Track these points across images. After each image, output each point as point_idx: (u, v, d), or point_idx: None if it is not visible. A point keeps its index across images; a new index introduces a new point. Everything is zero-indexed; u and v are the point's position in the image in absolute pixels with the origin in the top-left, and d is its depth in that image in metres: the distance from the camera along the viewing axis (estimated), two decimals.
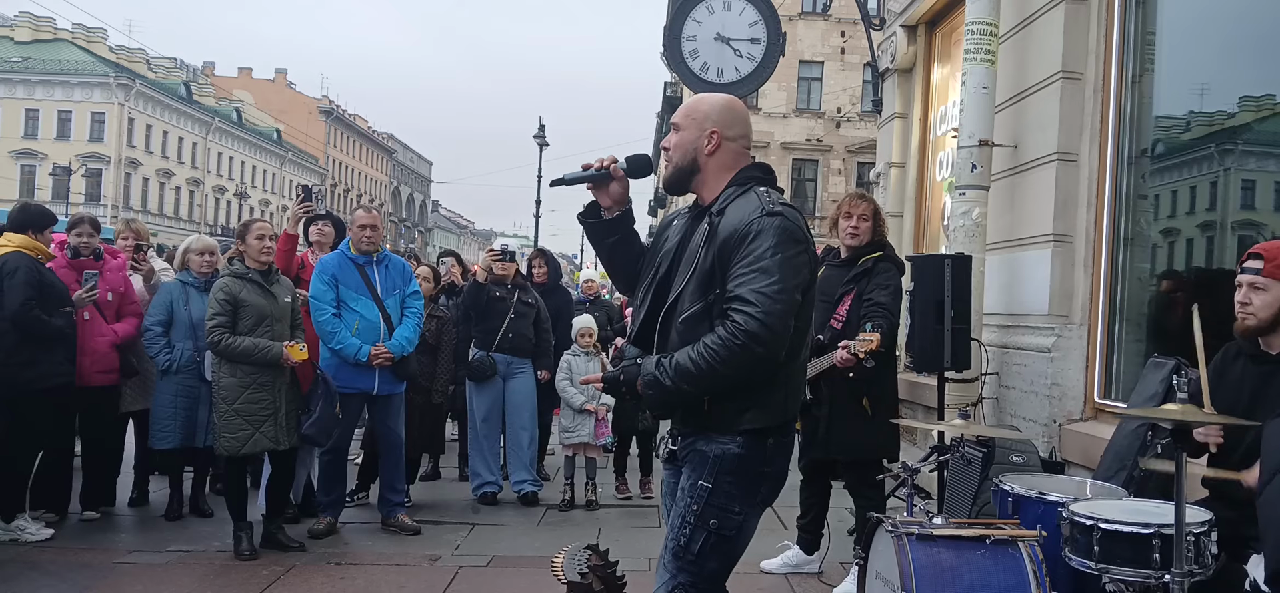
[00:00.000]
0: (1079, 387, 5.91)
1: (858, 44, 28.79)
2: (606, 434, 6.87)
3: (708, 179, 2.81)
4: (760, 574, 5.20)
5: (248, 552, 5.36)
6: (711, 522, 2.67)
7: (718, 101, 2.87)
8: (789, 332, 2.57)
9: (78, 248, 5.82)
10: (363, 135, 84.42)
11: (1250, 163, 5.30)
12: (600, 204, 2.95)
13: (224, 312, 5.32)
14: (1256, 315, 3.27)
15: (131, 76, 53.91)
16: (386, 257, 6.12)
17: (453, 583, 5.09)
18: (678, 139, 2.83)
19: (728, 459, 2.66)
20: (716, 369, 2.54)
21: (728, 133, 2.81)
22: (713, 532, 2.68)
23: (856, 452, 4.90)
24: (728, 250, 2.61)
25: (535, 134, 33.32)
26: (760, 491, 2.75)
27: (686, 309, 2.66)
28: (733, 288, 2.57)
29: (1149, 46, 5.81)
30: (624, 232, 2.97)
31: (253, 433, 5.33)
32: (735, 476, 2.67)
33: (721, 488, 2.67)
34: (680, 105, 2.99)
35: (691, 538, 2.69)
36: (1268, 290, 3.24)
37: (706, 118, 2.81)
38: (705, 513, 2.67)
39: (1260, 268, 3.26)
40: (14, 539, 5.45)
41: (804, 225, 2.66)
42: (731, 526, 2.70)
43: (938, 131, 8.99)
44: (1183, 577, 2.84)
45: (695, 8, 10.18)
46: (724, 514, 2.68)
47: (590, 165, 2.92)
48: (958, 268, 5.56)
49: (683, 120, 2.84)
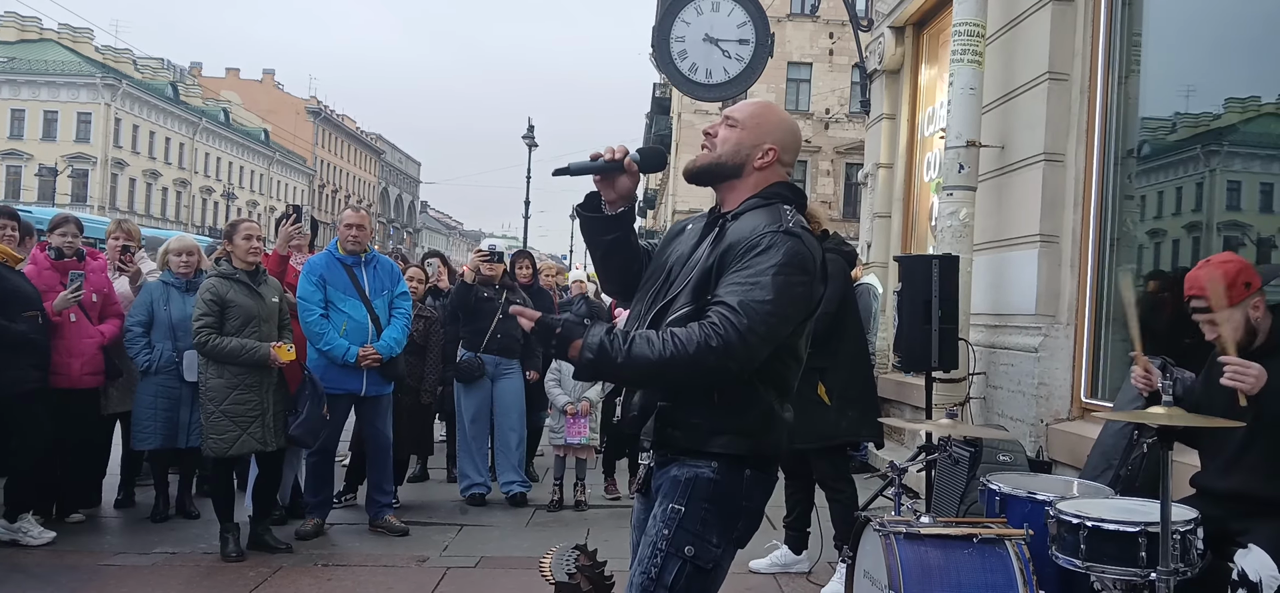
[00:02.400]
0: (1066, 386, 5.94)
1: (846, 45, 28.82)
2: (583, 433, 6.85)
3: (741, 189, 2.58)
4: (749, 574, 5.20)
5: (234, 553, 5.33)
6: (686, 549, 2.42)
7: (787, 121, 2.68)
8: (760, 356, 2.36)
9: (61, 248, 5.76)
10: (351, 136, 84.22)
11: (1236, 164, 5.33)
12: (603, 197, 2.68)
13: (211, 312, 5.28)
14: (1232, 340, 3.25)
15: (118, 77, 53.66)
16: (375, 257, 6.10)
17: (440, 584, 5.07)
18: (731, 136, 2.59)
19: (702, 483, 2.45)
20: (675, 361, 2.31)
21: (784, 157, 2.61)
22: (688, 561, 2.42)
23: (816, 439, 4.84)
24: (730, 256, 2.41)
25: (524, 135, 33.29)
26: (737, 526, 2.50)
27: (679, 310, 2.46)
28: (722, 292, 2.36)
29: (1135, 48, 5.84)
30: (623, 229, 2.73)
31: (240, 434, 5.30)
32: (711, 502, 2.44)
33: (696, 513, 2.44)
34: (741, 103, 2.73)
35: (664, 568, 2.43)
36: (1228, 320, 3.25)
37: (772, 130, 2.59)
38: (678, 538, 2.43)
39: (1206, 306, 3.27)
40: (15, 541, 5.40)
41: (819, 257, 2.46)
42: (708, 558, 2.44)
43: (925, 132, 9.02)
44: (1168, 575, 2.85)
45: (684, 8, 10.18)
46: (700, 543, 2.43)
47: (600, 155, 2.65)
48: (945, 268, 5.58)
49: (744, 119, 2.60)
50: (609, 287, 2.93)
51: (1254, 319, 3.32)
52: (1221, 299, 3.22)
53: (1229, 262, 3.42)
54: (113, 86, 52.63)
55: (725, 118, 2.64)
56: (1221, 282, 3.25)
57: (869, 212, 10.26)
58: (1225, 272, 3.30)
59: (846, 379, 4.94)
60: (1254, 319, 3.32)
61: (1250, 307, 3.31)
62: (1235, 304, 3.27)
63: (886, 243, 9.55)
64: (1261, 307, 3.34)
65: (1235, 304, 3.27)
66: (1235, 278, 3.30)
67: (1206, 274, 3.30)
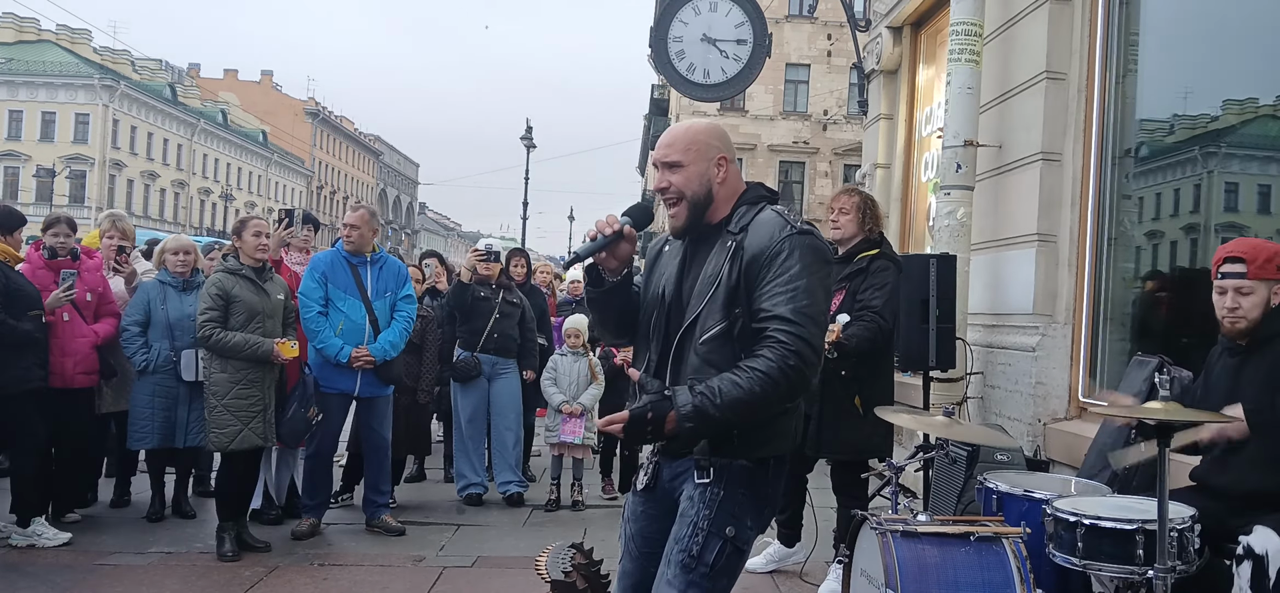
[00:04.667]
0: (1063, 386, 5.93)
1: (844, 46, 28.89)
2: (577, 433, 6.84)
3: (718, 206, 2.67)
4: (745, 573, 5.18)
5: (231, 553, 5.31)
6: (728, 530, 2.52)
7: (710, 128, 2.74)
8: (821, 350, 2.50)
9: (55, 248, 5.75)
10: (349, 137, 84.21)
11: (1233, 165, 5.33)
12: (605, 268, 2.76)
13: (216, 307, 5.32)
14: (1247, 318, 3.31)
15: (116, 78, 53.64)
16: (382, 258, 6.09)
17: (437, 584, 5.06)
18: (685, 177, 2.65)
19: (737, 471, 2.54)
20: (768, 393, 2.41)
21: (729, 155, 2.71)
22: (728, 541, 2.52)
23: (848, 452, 4.87)
24: (755, 269, 2.50)
25: (522, 136, 33.31)
26: (765, 513, 2.63)
27: (710, 330, 2.53)
28: (768, 307, 2.46)
29: (1132, 48, 5.84)
30: (628, 291, 2.80)
31: (241, 429, 5.32)
32: (747, 488, 2.55)
33: (735, 496, 2.53)
34: (665, 132, 2.81)
35: (706, 547, 2.51)
36: (1254, 292, 3.29)
37: (708, 146, 2.66)
38: (720, 519, 2.51)
39: (1244, 271, 3.30)
40: (31, 545, 5.39)
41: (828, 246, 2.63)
42: (745, 539, 2.56)
43: (923, 132, 9.01)
44: (1166, 573, 2.84)
45: (681, 9, 10.16)
46: (739, 525, 2.53)
47: (597, 234, 2.70)
48: (943, 268, 5.57)
49: (684, 156, 2.65)
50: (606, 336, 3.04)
51: (1274, 304, 3.31)
52: (1259, 268, 3.26)
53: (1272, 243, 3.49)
54: (111, 88, 52.62)
55: (664, 165, 2.69)
56: (1265, 254, 3.31)
57: None
58: (1269, 247, 3.37)
59: (881, 393, 4.90)
60: (1274, 304, 3.31)
61: (1274, 290, 3.31)
62: (1265, 279, 3.29)
63: None
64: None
65: (1265, 279, 3.29)
66: (1274, 256, 3.32)
67: (1255, 243, 3.38)
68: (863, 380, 4.78)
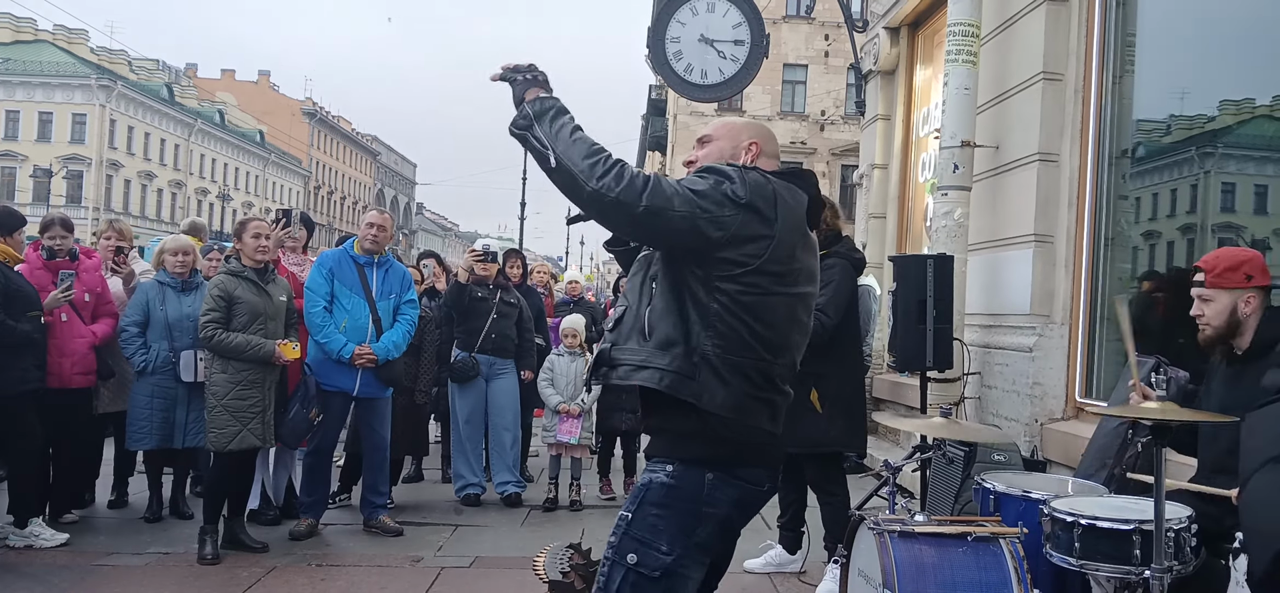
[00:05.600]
0: (1060, 386, 5.94)
1: (841, 47, 28.86)
2: (574, 433, 6.84)
3: None
4: (743, 574, 5.19)
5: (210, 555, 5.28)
6: (629, 557, 2.37)
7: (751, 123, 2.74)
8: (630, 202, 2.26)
9: (52, 249, 5.75)
10: (346, 137, 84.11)
11: (1230, 166, 5.34)
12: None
13: (218, 308, 5.33)
14: (1212, 324, 3.39)
15: (113, 78, 53.51)
16: (388, 261, 6.12)
17: (435, 584, 5.06)
18: (711, 149, 2.63)
19: (654, 489, 2.42)
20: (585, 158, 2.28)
21: (767, 149, 2.64)
22: (631, 569, 2.36)
23: (807, 445, 4.82)
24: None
25: None
26: (697, 532, 2.41)
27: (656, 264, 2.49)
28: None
29: (1129, 48, 5.85)
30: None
31: (240, 430, 5.32)
32: (662, 508, 2.40)
33: (643, 518, 2.40)
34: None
35: (609, 576, 2.40)
36: (1215, 300, 3.38)
37: (743, 131, 2.64)
38: (623, 546, 2.39)
39: (1203, 279, 3.40)
40: (29, 546, 5.37)
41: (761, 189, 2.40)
42: (653, 564, 2.36)
43: (920, 133, 9.03)
44: (1163, 573, 2.85)
45: (679, 9, 10.17)
46: (644, 550, 2.37)
47: None
48: (940, 268, 5.59)
49: (716, 131, 2.67)
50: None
51: (1243, 313, 3.34)
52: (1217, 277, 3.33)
53: (1245, 252, 3.54)
54: (108, 88, 52.49)
55: (698, 141, 2.72)
56: (1225, 262, 3.36)
57: (864, 212, 10.27)
58: (1233, 256, 3.42)
59: (839, 388, 4.89)
60: (1243, 313, 3.34)
61: (1242, 299, 3.33)
62: (1225, 288, 3.33)
63: (881, 243, 9.56)
64: (1254, 304, 3.34)
65: (1225, 288, 3.33)
66: (1239, 265, 3.37)
67: (1219, 253, 3.46)
68: (820, 376, 4.72)
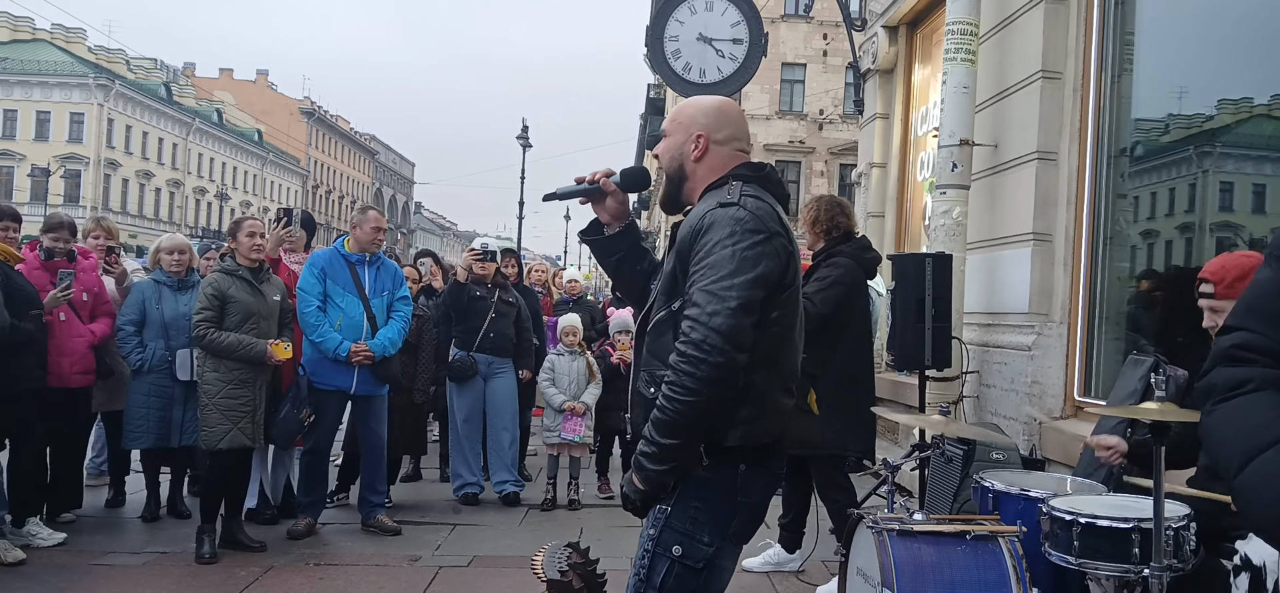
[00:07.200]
0: (1059, 385, 5.94)
1: (840, 46, 28.86)
2: (578, 431, 6.83)
3: (697, 187, 2.53)
4: (741, 572, 5.19)
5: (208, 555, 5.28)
6: (675, 549, 2.37)
7: (706, 102, 2.62)
8: (743, 329, 2.25)
9: (52, 250, 5.74)
10: (345, 137, 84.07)
11: (1228, 165, 5.33)
12: (600, 220, 2.73)
13: (211, 307, 5.33)
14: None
15: (111, 77, 53.48)
16: (379, 258, 6.11)
17: (433, 583, 5.05)
18: (664, 147, 2.58)
19: (691, 481, 2.38)
20: (688, 401, 2.24)
21: (717, 136, 2.53)
22: (676, 561, 2.37)
23: (804, 447, 4.82)
24: (684, 251, 2.36)
25: (518, 135, 33.25)
26: (732, 522, 2.42)
27: (654, 317, 2.43)
28: (691, 291, 2.30)
29: (1128, 47, 5.84)
30: (627, 247, 2.73)
31: (230, 429, 5.31)
32: (701, 500, 2.38)
33: (683, 511, 2.38)
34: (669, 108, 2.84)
35: (652, 568, 2.39)
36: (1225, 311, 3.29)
37: (692, 121, 2.55)
38: (666, 538, 2.38)
39: (1213, 291, 3.33)
40: (26, 545, 5.36)
41: (770, 216, 2.37)
42: (697, 556, 2.38)
43: (919, 132, 9.02)
44: (1162, 571, 2.84)
45: (677, 8, 10.16)
46: (688, 542, 2.37)
47: (583, 179, 2.68)
48: (938, 267, 5.57)
49: (670, 126, 2.60)
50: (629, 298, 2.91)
51: None
52: (1227, 288, 3.26)
53: (1250, 257, 3.47)
54: (106, 87, 52.46)
55: (662, 133, 2.66)
56: (1233, 272, 3.30)
57: (863, 211, 10.25)
58: (1240, 263, 3.34)
59: (837, 389, 4.87)
60: None
61: None
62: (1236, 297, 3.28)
63: (880, 242, 9.54)
64: None
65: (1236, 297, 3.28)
66: (1247, 272, 3.32)
67: (1224, 262, 3.39)
68: (815, 378, 4.72)
